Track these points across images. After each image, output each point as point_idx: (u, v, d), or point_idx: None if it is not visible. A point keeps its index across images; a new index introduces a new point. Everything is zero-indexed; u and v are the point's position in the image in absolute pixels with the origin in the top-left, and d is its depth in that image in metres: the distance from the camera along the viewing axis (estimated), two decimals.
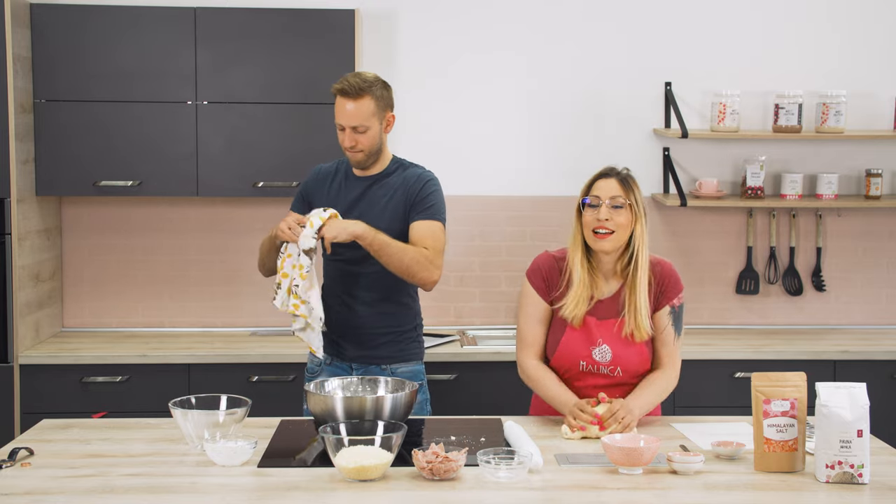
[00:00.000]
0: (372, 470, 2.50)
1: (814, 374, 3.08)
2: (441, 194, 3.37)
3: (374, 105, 3.26)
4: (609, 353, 3.05)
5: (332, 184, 3.41)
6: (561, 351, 3.07)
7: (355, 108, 3.24)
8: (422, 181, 3.34)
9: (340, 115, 3.26)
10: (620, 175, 3.06)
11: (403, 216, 3.32)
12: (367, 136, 3.27)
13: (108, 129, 4.37)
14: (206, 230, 4.76)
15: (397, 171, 3.38)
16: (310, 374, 3.50)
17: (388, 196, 3.34)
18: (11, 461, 2.66)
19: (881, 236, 4.88)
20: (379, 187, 3.36)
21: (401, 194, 3.33)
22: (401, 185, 3.34)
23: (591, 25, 4.77)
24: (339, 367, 3.41)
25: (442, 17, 4.75)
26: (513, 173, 4.79)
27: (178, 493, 2.45)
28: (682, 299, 3.11)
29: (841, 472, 2.51)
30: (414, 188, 3.32)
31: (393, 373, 3.37)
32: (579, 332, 3.06)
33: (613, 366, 3.06)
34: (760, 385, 2.64)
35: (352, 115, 3.24)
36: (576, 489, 2.49)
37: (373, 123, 3.26)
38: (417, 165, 3.43)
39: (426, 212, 3.31)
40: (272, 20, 4.39)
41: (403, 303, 3.40)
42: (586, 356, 3.06)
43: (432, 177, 3.38)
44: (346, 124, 3.25)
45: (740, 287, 4.85)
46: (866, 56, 4.82)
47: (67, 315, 4.74)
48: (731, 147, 4.81)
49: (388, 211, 3.32)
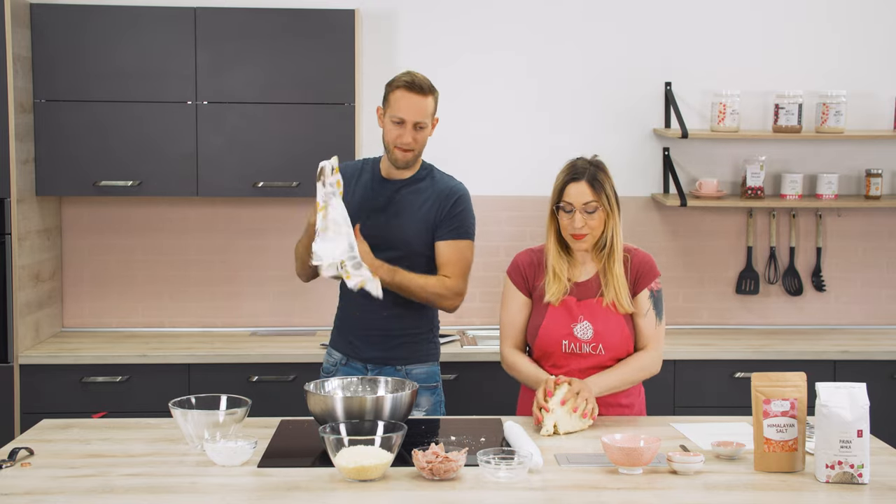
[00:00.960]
0: (372, 470, 2.50)
1: (814, 374, 3.07)
2: (471, 209, 3.34)
3: (434, 105, 3.26)
4: (590, 329, 3.09)
5: (357, 183, 3.36)
6: (543, 332, 3.12)
7: (423, 104, 3.22)
8: (454, 196, 3.31)
9: (406, 110, 3.21)
10: (589, 175, 3.08)
11: (432, 227, 3.29)
12: (423, 134, 3.26)
13: (107, 129, 4.37)
14: (206, 230, 4.76)
15: (427, 178, 3.34)
16: (325, 374, 3.48)
17: (419, 204, 3.30)
18: (11, 461, 2.66)
19: (881, 236, 4.88)
20: (410, 192, 3.32)
21: (432, 205, 3.29)
22: (433, 195, 3.31)
23: (591, 25, 4.77)
24: (354, 368, 3.40)
25: (442, 17, 4.75)
26: (513, 173, 4.79)
27: (178, 493, 2.45)
28: (658, 285, 3.16)
29: (841, 472, 2.51)
30: (446, 203, 3.29)
31: (408, 374, 3.36)
32: (560, 312, 3.11)
33: (595, 342, 3.09)
34: (760, 385, 2.64)
35: (419, 110, 3.21)
36: (576, 489, 2.49)
37: (429, 123, 3.27)
38: (448, 175, 3.39)
39: (455, 231, 3.29)
40: (272, 20, 4.39)
41: (421, 306, 3.37)
42: (567, 334, 3.10)
43: (464, 191, 3.34)
44: (411, 119, 3.21)
45: (740, 287, 4.85)
46: (866, 56, 4.82)
47: (67, 315, 4.74)
48: (731, 147, 4.81)
49: (416, 220, 3.29)
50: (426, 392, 3.38)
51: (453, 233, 3.28)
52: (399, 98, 3.22)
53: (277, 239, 4.75)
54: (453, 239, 3.28)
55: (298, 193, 4.44)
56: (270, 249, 4.78)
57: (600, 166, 3.12)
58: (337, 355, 3.45)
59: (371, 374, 3.33)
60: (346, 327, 3.40)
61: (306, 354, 4.26)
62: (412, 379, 3.32)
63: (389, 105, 3.25)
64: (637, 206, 4.80)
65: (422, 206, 3.30)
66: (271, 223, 4.77)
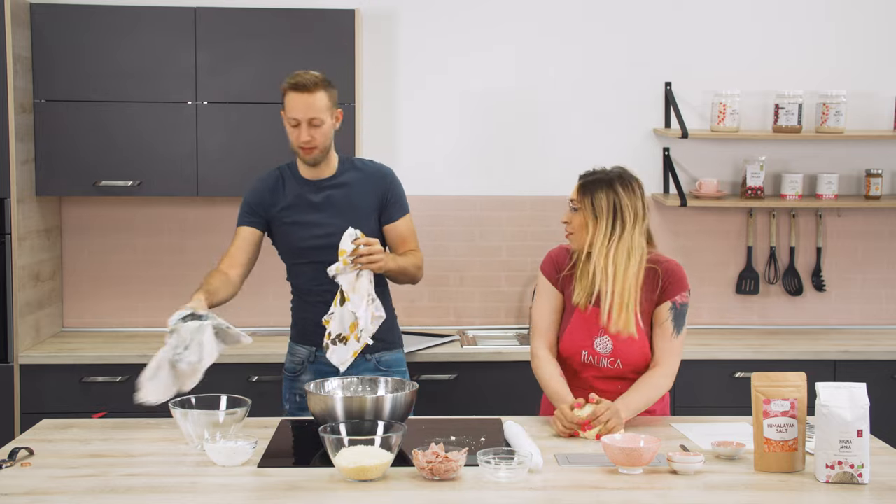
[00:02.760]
0: (372, 470, 2.50)
1: (814, 374, 3.07)
2: (401, 183, 3.50)
3: (326, 99, 3.31)
4: (610, 344, 3.08)
5: (284, 190, 3.42)
6: (566, 339, 3.14)
7: (311, 101, 3.28)
8: (388, 177, 3.45)
9: (296, 110, 3.28)
10: (589, 178, 3.11)
11: (375, 215, 3.39)
12: (321, 130, 3.31)
13: (108, 129, 4.37)
14: (206, 230, 4.76)
15: (351, 170, 3.43)
16: (290, 375, 3.49)
17: (354, 195, 3.38)
18: (11, 461, 2.66)
19: (881, 236, 4.88)
20: (341, 188, 3.40)
21: (369, 194, 3.39)
22: (365, 184, 3.40)
23: (591, 25, 4.77)
24: (321, 363, 3.38)
25: (442, 16, 4.75)
26: (513, 173, 4.79)
27: (178, 493, 2.45)
28: (685, 298, 3.11)
29: (841, 472, 2.51)
30: (382, 187, 3.42)
31: (378, 361, 3.40)
32: (584, 321, 3.10)
33: (614, 357, 3.08)
34: (760, 385, 2.64)
35: (308, 107, 3.28)
36: (576, 489, 2.49)
37: (326, 118, 3.31)
38: (369, 161, 3.51)
39: (400, 209, 3.44)
40: (272, 20, 4.39)
41: (381, 292, 3.39)
42: (588, 346, 3.10)
43: (391, 170, 3.49)
44: (304, 117, 3.28)
45: (740, 287, 4.85)
46: (866, 56, 4.82)
47: (67, 315, 4.74)
48: (731, 147, 4.81)
49: (357, 211, 3.36)
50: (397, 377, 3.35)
51: (401, 210, 3.45)
52: (290, 100, 3.31)
53: None
54: (403, 216, 3.44)
55: None
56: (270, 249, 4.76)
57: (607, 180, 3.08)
58: (303, 352, 3.45)
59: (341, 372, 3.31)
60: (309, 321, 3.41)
61: None
62: (382, 366, 3.40)
63: (284, 108, 3.34)
64: None
65: (357, 196, 3.38)
66: None
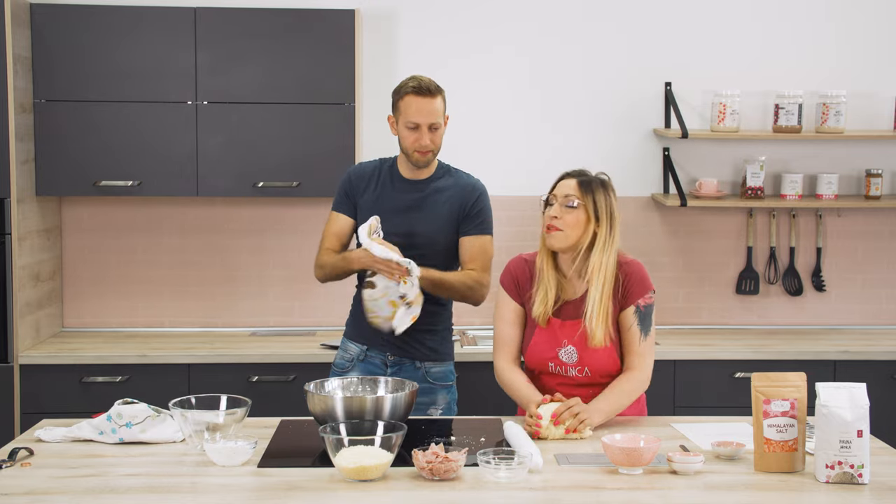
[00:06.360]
0: (372, 470, 2.50)
1: (814, 374, 3.07)
2: (490, 205, 3.45)
3: (443, 104, 3.34)
4: (575, 353, 3.05)
5: (377, 184, 3.43)
6: (530, 351, 3.11)
7: (433, 105, 3.30)
8: (476, 192, 3.42)
9: (418, 114, 3.29)
10: (583, 177, 3.05)
11: (455, 224, 3.39)
12: (438, 134, 3.35)
13: (107, 129, 4.37)
14: (206, 230, 4.76)
15: (446, 176, 3.44)
16: (338, 371, 3.49)
17: (443, 201, 3.39)
18: (11, 461, 2.66)
19: (881, 236, 4.88)
20: (433, 191, 3.40)
21: (455, 202, 3.39)
22: (455, 192, 3.40)
23: (592, 25, 4.77)
24: (372, 364, 3.42)
25: (442, 17, 4.75)
26: (513, 173, 4.79)
27: (178, 493, 2.45)
28: (649, 300, 3.06)
29: (841, 472, 2.51)
30: (468, 199, 3.40)
31: (427, 372, 3.41)
32: (546, 333, 3.07)
33: (581, 366, 3.06)
34: (760, 385, 2.64)
35: (430, 112, 3.30)
36: (576, 489, 2.49)
37: (442, 122, 3.34)
38: (465, 172, 3.49)
39: (479, 226, 3.40)
40: (272, 20, 4.39)
41: (441, 302, 3.43)
42: (553, 357, 3.07)
43: (484, 188, 3.47)
44: (425, 122, 3.29)
45: (740, 287, 4.85)
46: (866, 56, 4.82)
47: (67, 315, 4.74)
48: (731, 147, 4.81)
49: (441, 217, 3.38)
50: (443, 390, 3.43)
51: (477, 228, 3.40)
52: (409, 104, 3.30)
53: (277, 239, 4.75)
54: (477, 234, 3.40)
55: (298, 193, 4.44)
56: (270, 249, 4.78)
57: (603, 182, 3.05)
58: (354, 349, 3.45)
59: (390, 370, 3.36)
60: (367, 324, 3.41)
61: (306, 354, 4.26)
62: (430, 377, 3.41)
63: (401, 112, 3.33)
64: (637, 206, 4.80)
65: (445, 203, 3.39)
66: (271, 223, 4.77)
